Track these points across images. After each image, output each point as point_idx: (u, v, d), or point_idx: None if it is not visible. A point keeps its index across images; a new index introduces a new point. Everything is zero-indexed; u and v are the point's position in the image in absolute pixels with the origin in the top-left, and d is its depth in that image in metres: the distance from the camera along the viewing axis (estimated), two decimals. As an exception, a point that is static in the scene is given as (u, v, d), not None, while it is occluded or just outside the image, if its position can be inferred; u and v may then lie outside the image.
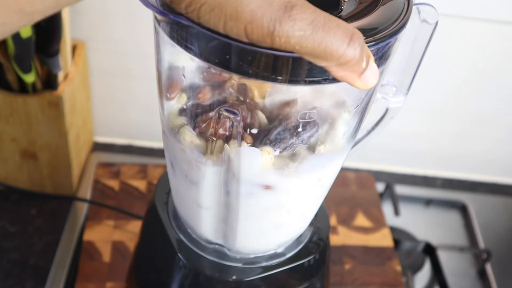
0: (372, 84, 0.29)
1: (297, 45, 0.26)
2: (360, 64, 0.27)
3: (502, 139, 0.81)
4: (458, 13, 0.68)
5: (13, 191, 0.70)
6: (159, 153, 0.80)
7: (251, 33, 0.26)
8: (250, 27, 0.26)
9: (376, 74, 0.29)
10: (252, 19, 0.26)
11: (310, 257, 0.47)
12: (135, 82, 0.74)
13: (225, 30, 0.27)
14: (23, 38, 0.56)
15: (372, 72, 0.28)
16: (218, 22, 0.26)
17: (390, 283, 0.64)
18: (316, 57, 0.27)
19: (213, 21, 0.26)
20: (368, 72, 0.28)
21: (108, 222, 0.65)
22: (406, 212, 0.77)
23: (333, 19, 0.27)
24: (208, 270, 0.45)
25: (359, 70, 0.28)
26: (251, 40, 0.27)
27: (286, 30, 0.26)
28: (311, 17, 0.26)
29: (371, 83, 0.29)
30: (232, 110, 0.34)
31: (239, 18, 0.26)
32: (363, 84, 0.28)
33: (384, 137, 0.79)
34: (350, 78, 0.28)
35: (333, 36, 0.26)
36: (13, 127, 0.64)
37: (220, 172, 0.38)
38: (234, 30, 0.26)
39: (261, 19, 0.25)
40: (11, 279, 0.61)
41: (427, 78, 0.73)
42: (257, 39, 0.26)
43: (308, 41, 0.26)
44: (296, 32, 0.26)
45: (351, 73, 0.28)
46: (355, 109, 0.37)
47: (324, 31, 0.26)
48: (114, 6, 0.67)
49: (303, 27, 0.26)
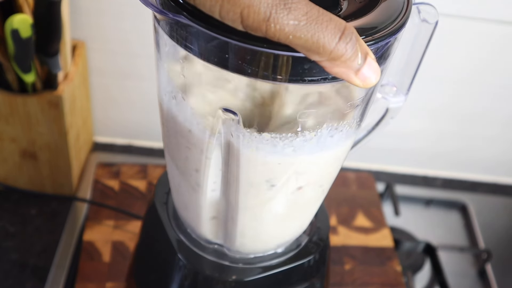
0: (371, 82, 0.28)
1: (291, 35, 0.26)
2: (354, 60, 0.27)
3: (503, 139, 0.81)
4: (458, 13, 0.68)
5: (13, 191, 0.70)
6: (159, 153, 0.80)
7: (247, 17, 0.26)
8: (247, 12, 0.26)
9: (375, 72, 0.28)
10: (250, 3, 0.26)
11: (310, 257, 0.47)
12: (135, 82, 0.74)
13: (221, 15, 0.27)
14: (23, 38, 0.56)
15: (370, 69, 0.28)
16: (215, 5, 0.26)
17: (390, 283, 0.64)
18: (309, 50, 0.27)
19: (210, 3, 0.27)
20: (365, 70, 0.28)
21: (108, 222, 0.65)
22: (406, 212, 0.77)
23: (327, 13, 0.27)
24: (208, 270, 0.45)
25: (354, 67, 0.27)
26: (246, 27, 0.27)
27: (281, 18, 0.26)
28: (306, 8, 0.26)
29: (369, 81, 0.28)
30: (232, 110, 0.34)
31: (237, 2, 0.26)
32: (361, 82, 0.28)
33: (384, 137, 0.79)
34: (345, 75, 0.28)
35: (325, 29, 0.26)
36: (13, 127, 0.64)
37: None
38: (230, 15, 0.26)
39: (258, 4, 0.26)
40: (11, 279, 0.61)
41: (427, 78, 0.73)
42: (252, 25, 0.26)
43: (302, 31, 0.26)
44: (290, 21, 0.26)
45: (346, 69, 0.27)
46: (355, 109, 0.37)
47: (317, 23, 0.26)
48: (114, 6, 0.67)
49: (298, 17, 0.26)
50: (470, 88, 0.76)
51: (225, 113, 0.35)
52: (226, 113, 0.35)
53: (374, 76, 0.28)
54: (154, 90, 0.41)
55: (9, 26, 0.55)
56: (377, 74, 0.28)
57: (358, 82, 0.28)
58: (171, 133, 0.40)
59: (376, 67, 0.28)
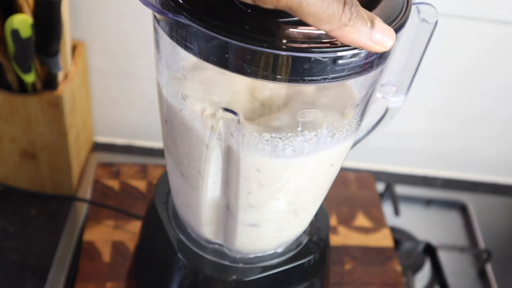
0: (388, 44, 0.29)
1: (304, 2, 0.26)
2: (362, 24, 0.28)
3: (502, 139, 0.81)
4: (458, 13, 0.68)
5: (13, 191, 0.70)
6: (159, 153, 0.80)
7: None
8: None
9: (389, 33, 0.29)
10: None
11: (310, 257, 0.47)
12: (135, 82, 0.74)
13: None
14: (23, 38, 0.56)
15: (382, 32, 0.28)
16: None
17: (390, 283, 0.64)
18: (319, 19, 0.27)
19: None
20: (377, 33, 0.28)
21: (108, 222, 0.65)
22: (406, 212, 0.77)
23: None
24: (208, 270, 0.45)
25: (365, 32, 0.28)
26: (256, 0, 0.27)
27: None
28: None
29: (386, 43, 0.29)
30: (232, 110, 0.34)
31: None
32: (378, 45, 0.28)
33: (384, 137, 0.79)
34: (360, 42, 0.28)
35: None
36: (13, 127, 0.64)
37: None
38: None
39: None
40: (11, 279, 0.61)
41: (427, 77, 0.73)
42: None
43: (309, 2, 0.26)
44: None
45: (359, 36, 0.28)
46: (355, 109, 0.37)
47: None
48: (114, 6, 0.67)
49: None
50: (470, 88, 0.76)
51: (225, 113, 0.35)
52: (226, 113, 0.35)
53: (388, 38, 0.29)
54: (154, 90, 0.41)
55: (9, 26, 0.55)
56: (391, 36, 0.29)
57: (375, 46, 0.28)
58: (171, 133, 0.40)
59: (387, 28, 0.29)
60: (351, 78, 0.32)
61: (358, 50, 0.30)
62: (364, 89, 0.36)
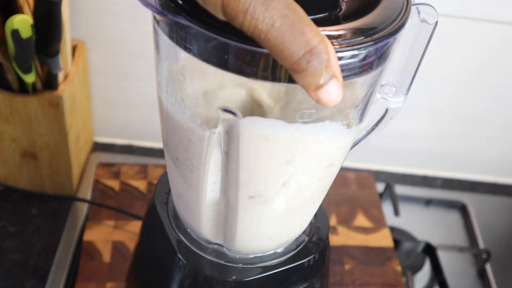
0: (326, 104, 0.28)
1: (262, 34, 0.26)
2: (315, 78, 0.27)
3: (503, 139, 0.82)
4: (458, 14, 0.68)
5: (13, 191, 0.70)
6: (159, 153, 0.80)
7: (227, 4, 0.26)
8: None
9: (334, 96, 0.27)
10: None
11: (310, 257, 0.47)
12: (135, 82, 0.74)
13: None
14: (23, 38, 0.56)
15: (329, 92, 0.27)
16: None
17: (390, 283, 0.64)
18: (274, 54, 0.26)
19: None
20: (324, 90, 0.27)
21: (108, 222, 0.65)
22: (406, 212, 0.77)
23: (308, 22, 0.26)
24: (208, 270, 0.45)
25: (314, 84, 0.27)
26: (226, 14, 0.26)
27: (257, 13, 0.25)
28: (285, 11, 0.26)
29: (324, 102, 0.28)
30: (231, 110, 0.35)
31: None
32: (316, 98, 0.27)
33: (384, 137, 0.79)
34: (306, 88, 0.27)
35: (295, 39, 0.26)
36: (13, 127, 0.64)
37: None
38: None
39: None
40: (11, 279, 0.61)
41: (427, 78, 0.73)
42: (231, 13, 0.26)
43: (272, 34, 0.26)
44: (266, 18, 0.25)
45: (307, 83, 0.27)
46: (354, 109, 0.37)
47: (290, 30, 0.26)
48: (114, 6, 0.67)
49: (274, 17, 0.25)
50: (470, 88, 0.76)
51: (225, 113, 0.35)
52: (225, 113, 0.35)
53: (331, 100, 0.28)
54: (154, 90, 0.41)
55: (9, 27, 0.55)
56: (335, 99, 0.28)
57: (313, 98, 0.28)
58: (171, 133, 0.40)
59: (337, 91, 0.27)
60: (351, 78, 0.32)
61: (358, 51, 0.30)
62: (364, 89, 0.36)
